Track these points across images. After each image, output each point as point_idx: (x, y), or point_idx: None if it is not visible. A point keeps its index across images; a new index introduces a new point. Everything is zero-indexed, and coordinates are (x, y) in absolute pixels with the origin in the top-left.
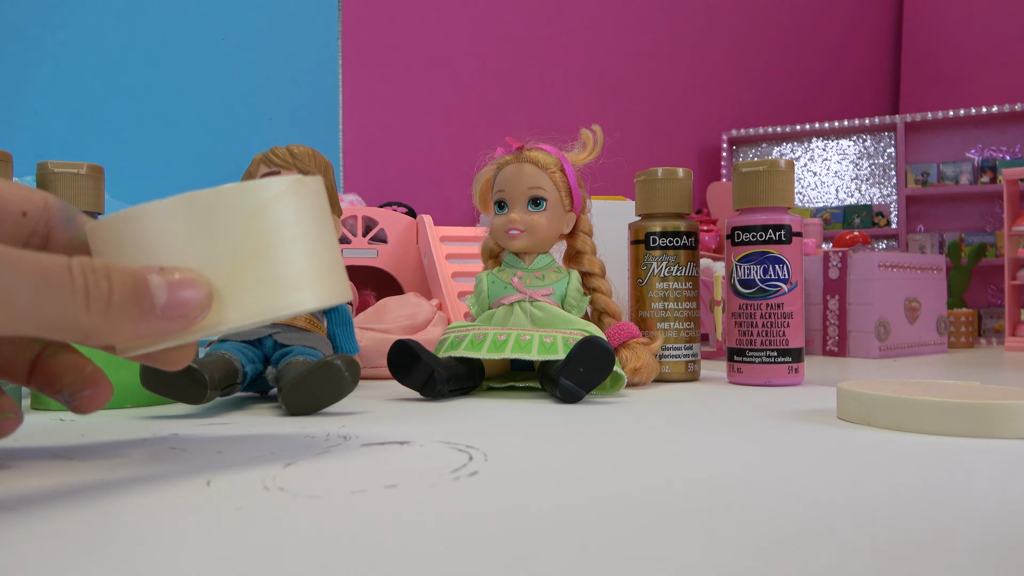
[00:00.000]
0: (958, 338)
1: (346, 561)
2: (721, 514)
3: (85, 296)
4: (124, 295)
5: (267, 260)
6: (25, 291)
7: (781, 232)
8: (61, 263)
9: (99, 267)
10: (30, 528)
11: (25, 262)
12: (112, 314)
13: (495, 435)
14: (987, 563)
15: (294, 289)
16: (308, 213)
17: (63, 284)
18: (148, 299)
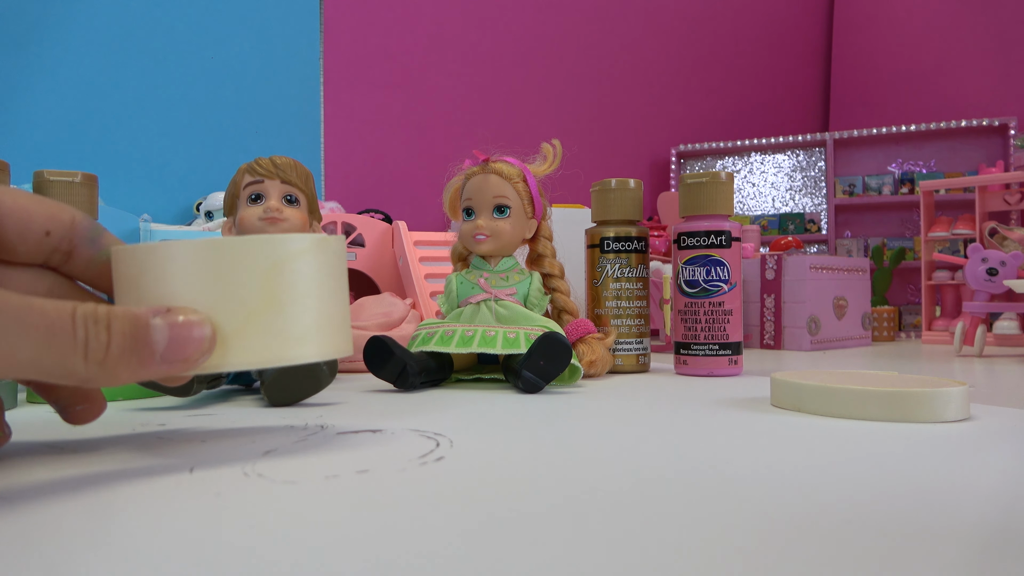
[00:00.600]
0: (881, 332)
1: (320, 541)
2: (668, 489)
3: (84, 348)
4: (122, 346)
5: (278, 313)
6: (29, 346)
7: (722, 237)
8: (66, 316)
9: (101, 317)
10: (25, 516)
11: (32, 315)
12: (109, 364)
13: (462, 423)
14: (897, 530)
15: (299, 343)
16: (325, 271)
17: (66, 337)
18: (147, 347)
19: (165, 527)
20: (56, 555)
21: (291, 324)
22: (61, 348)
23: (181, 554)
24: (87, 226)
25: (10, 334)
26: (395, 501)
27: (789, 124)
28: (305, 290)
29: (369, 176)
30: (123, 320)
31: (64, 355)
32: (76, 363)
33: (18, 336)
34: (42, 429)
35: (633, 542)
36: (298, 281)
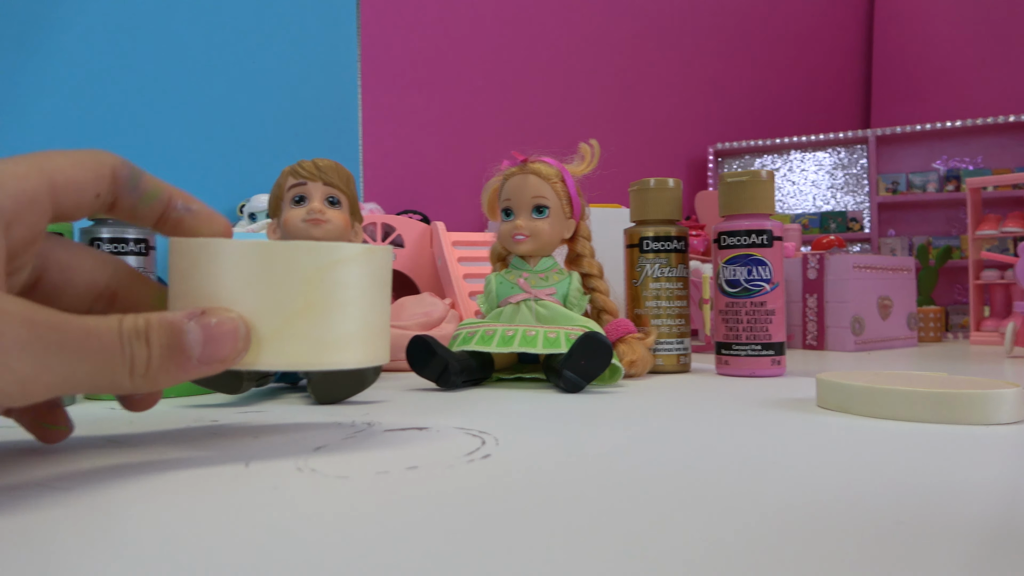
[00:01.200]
0: (927, 333)
1: (375, 533)
2: (711, 491)
3: (130, 365)
4: (161, 356)
5: (318, 318)
6: (87, 370)
7: (763, 236)
8: (114, 336)
9: (141, 331)
10: (90, 503)
11: (90, 341)
12: (151, 376)
13: (505, 422)
14: (948, 534)
15: (336, 349)
16: (369, 281)
17: (115, 356)
18: (184, 353)
19: (226, 517)
20: (123, 540)
21: (330, 330)
22: (112, 368)
23: (243, 542)
24: (126, 174)
25: (72, 361)
26: (445, 496)
27: (830, 121)
28: (347, 298)
29: (407, 177)
30: (160, 331)
31: (115, 374)
32: (123, 379)
33: (79, 362)
34: (100, 424)
35: (681, 540)
36: (340, 288)
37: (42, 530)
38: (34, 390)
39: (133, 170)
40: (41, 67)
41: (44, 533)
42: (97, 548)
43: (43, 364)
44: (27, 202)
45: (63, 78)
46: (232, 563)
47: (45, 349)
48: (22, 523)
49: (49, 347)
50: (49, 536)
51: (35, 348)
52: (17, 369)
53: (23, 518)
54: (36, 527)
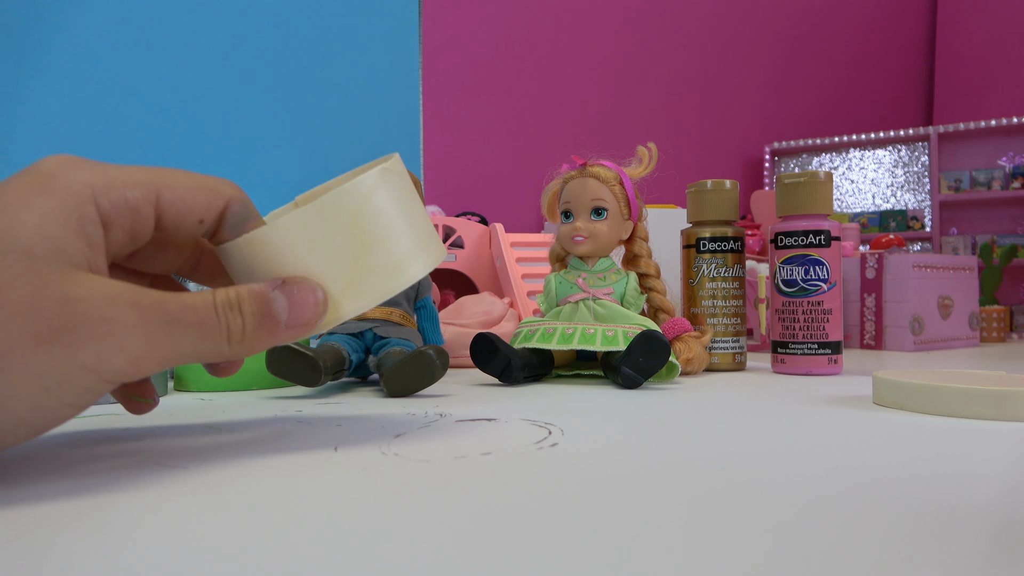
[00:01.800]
0: (990, 333)
1: (459, 511)
2: (771, 484)
3: (227, 333)
4: (255, 324)
5: (376, 251)
6: (190, 342)
7: (821, 237)
8: (211, 308)
9: (234, 302)
10: (203, 481)
11: (189, 315)
12: (247, 342)
13: (568, 414)
14: (1000, 532)
15: (403, 268)
16: (399, 195)
17: (214, 328)
18: (274, 320)
19: (322, 495)
20: (234, 512)
21: (390, 256)
22: (212, 338)
23: (340, 517)
24: (237, 211)
25: (176, 335)
26: (519, 479)
27: (890, 118)
28: (389, 221)
29: (466, 180)
30: (251, 300)
31: (214, 343)
32: (223, 347)
33: (182, 336)
34: (195, 413)
35: (738, 527)
36: (381, 215)
37: (166, 502)
38: (146, 366)
39: (246, 211)
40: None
41: (168, 504)
42: (211, 518)
43: (152, 341)
44: (128, 210)
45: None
46: (333, 536)
47: (152, 328)
48: (147, 495)
49: (155, 326)
50: (174, 506)
51: (143, 328)
52: (129, 349)
53: (147, 491)
54: (160, 499)
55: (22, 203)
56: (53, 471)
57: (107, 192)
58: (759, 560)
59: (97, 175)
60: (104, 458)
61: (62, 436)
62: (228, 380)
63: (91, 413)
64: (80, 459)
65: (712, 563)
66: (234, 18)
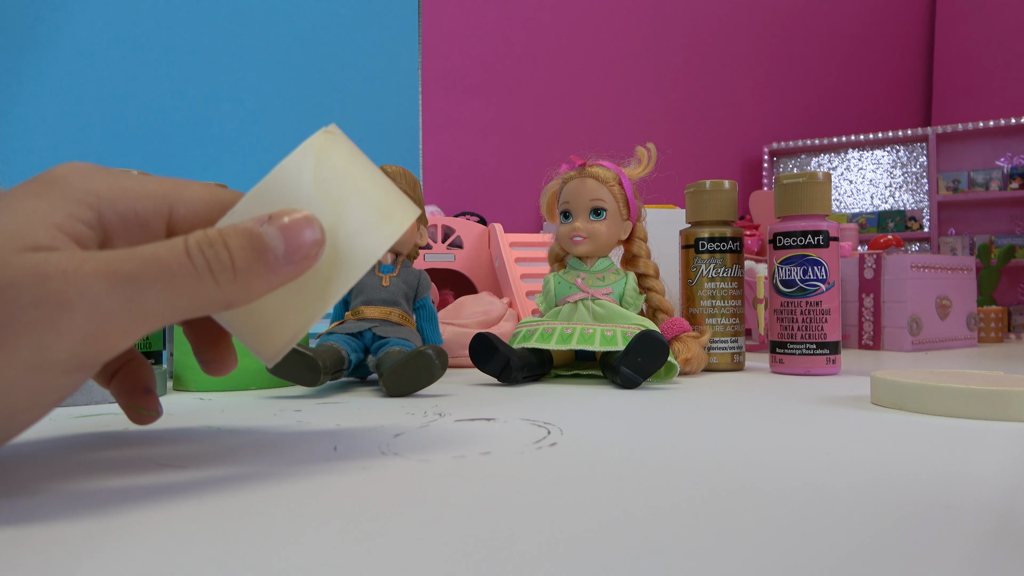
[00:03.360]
0: (988, 333)
1: (456, 510)
2: (769, 484)
3: (210, 274)
4: (246, 258)
5: (355, 209)
6: (157, 297)
7: (819, 237)
8: (179, 252)
9: (215, 238)
10: (203, 479)
11: (146, 269)
12: (240, 279)
13: (567, 414)
14: (998, 532)
15: (388, 220)
16: (350, 153)
17: (187, 273)
18: (269, 252)
19: (322, 495)
20: (233, 510)
21: (370, 212)
22: (188, 284)
23: (340, 518)
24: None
25: (134, 296)
26: (519, 479)
27: (888, 119)
28: (354, 176)
29: (464, 180)
30: (237, 236)
31: (194, 289)
32: (210, 291)
33: (142, 295)
34: (195, 413)
35: (736, 524)
36: (343, 173)
37: (165, 502)
38: (109, 342)
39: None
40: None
41: (168, 504)
42: (211, 518)
43: (104, 312)
44: (136, 222)
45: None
46: (333, 535)
47: (101, 296)
48: (146, 495)
49: (104, 292)
50: (174, 506)
51: (89, 299)
52: (74, 329)
53: (146, 491)
54: (159, 499)
55: (11, 207)
56: (52, 471)
57: (115, 203)
58: (758, 560)
59: (107, 185)
60: (103, 458)
61: (61, 436)
62: (227, 380)
63: (91, 413)
64: (79, 459)
65: (711, 563)
66: (233, 18)
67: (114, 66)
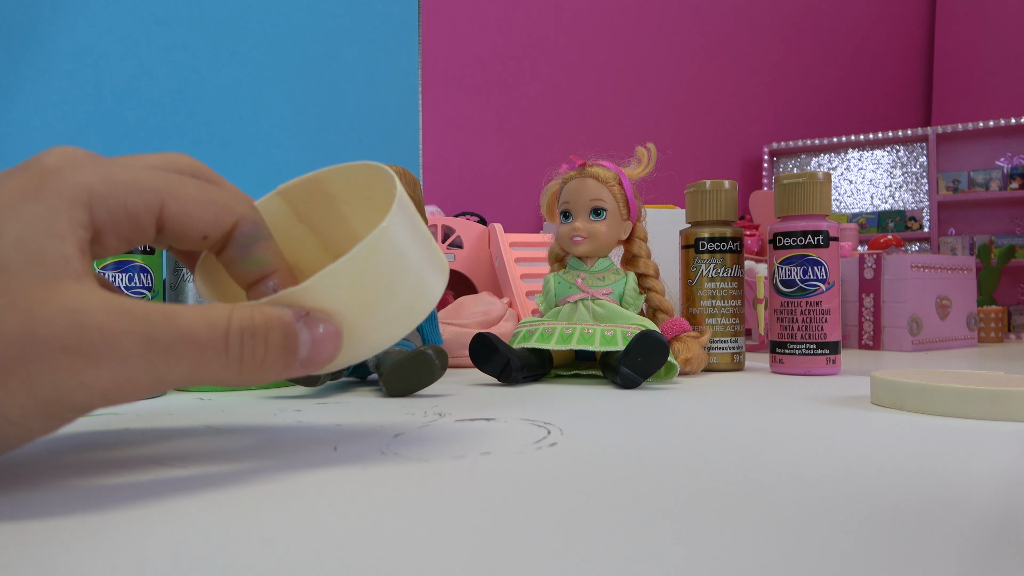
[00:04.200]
0: (988, 333)
1: (456, 511)
2: (769, 484)
3: (239, 363)
4: (275, 356)
5: (401, 287)
6: (180, 372)
7: (819, 237)
8: (218, 337)
9: (259, 329)
10: (204, 479)
11: (181, 345)
12: (260, 373)
13: (567, 414)
14: (998, 532)
15: (426, 293)
16: (411, 222)
17: (218, 357)
18: (294, 355)
19: (322, 495)
20: (233, 509)
21: (413, 289)
22: (215, 366)
23: (340, 518)
24: (246, 231)
25: (161, 367)
26: (519, 479)
27: (888, 119)
28: (409, 255)
29: (464, 180)
30: (278, 331)
31: (218, 371)
32: (230, 376)
33: (170, 368)
34: (195, 413)
35: (740, 528)
36: (402, 254)
37: (165, 502)
38: (118, 397)
39: (257, 231)
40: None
41: (168, 504)
42: (211, 518)
43: (156, 368)
44: (125, 218)
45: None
46: (333, 535)
47: (155, 356)
48: (147, 495)
49: (158, 353)
50: (174, 506)
51: (146, 359)
52: (100, 380)
53: (147, 491)
54: (159, 499)
55: (10, 209)
56: (52, 471)
57: (106, 199)
58: (758, 560)
59: (100, 178)
60: (104, 458)
61: (61, 435)
62: None
63: (91, 413)
64: (80, 459)
65: (711, 562)
66: (233, 18)
67: (114, 66)
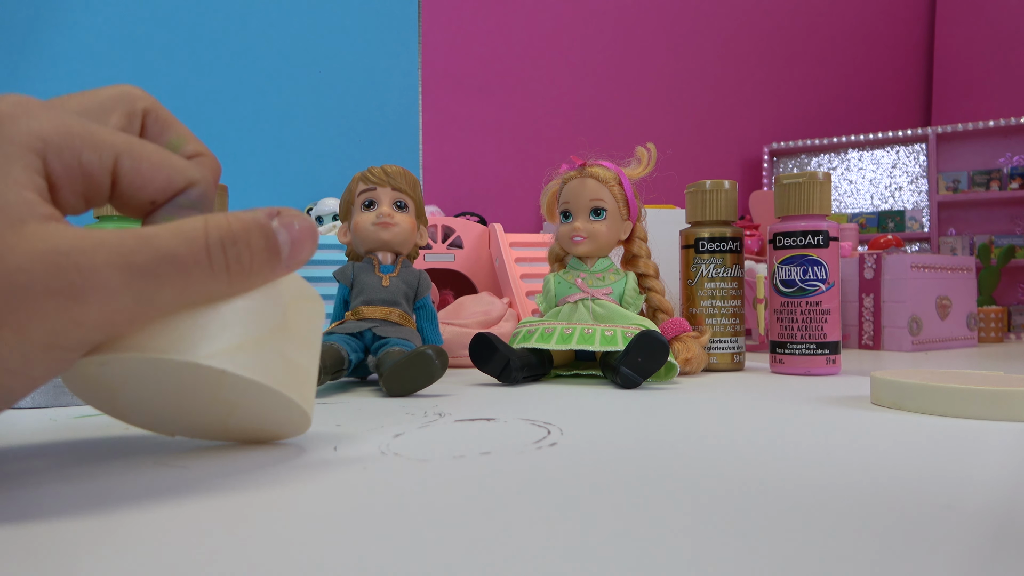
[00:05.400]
0: (988, 333)
1: (456, 510)
2: (770, 484)
3: (227, 274)
4: (262, 261)
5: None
6: (168, 294)
7: (819, 237)
8: (198, 247)
9: (239, 236)
10: (202, 480)
11: (162, 264)
12: (250, 279)
13: (567, 414)
14: (998, 532)
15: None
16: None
17: (203, 271)
18: (278, 256)
19: (322, 495)
20: (234, 511)
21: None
22: (202, 281)
23: (340, 518)
24: (191, 196)
25: (148, 292)
26: (519, 479)
27: (888, 119)
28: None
29: (464, 180)
30: (258, 234)
31: (207, 285)
32: (220, 287)
33: (156, 292)
34: None
35: (740, 528)
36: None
37: (165, 502)
38: (144, 317)
39: (201, 201)
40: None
41: (168, 504)
42: (211, 518)
43: (143, 295)
44: (80, 175)
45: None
46: (333, 535)
47: (140, 282)
48: (147, 494)
49: (141, 279)
50: (174, 506)
51: (132, 288)
52: (122, 308)
53: (147, 491)
54: (159, 499)
55: None
56: (52, 471)
57: (60, 151)
58: (757, 559)
59: (54, 128)
60: (104, 458)
61: (61, 436)
62: None
63: (91, 413)
64: (80, 459)
65: (711, 562)
66: (233, 18)
67: (114, 66)
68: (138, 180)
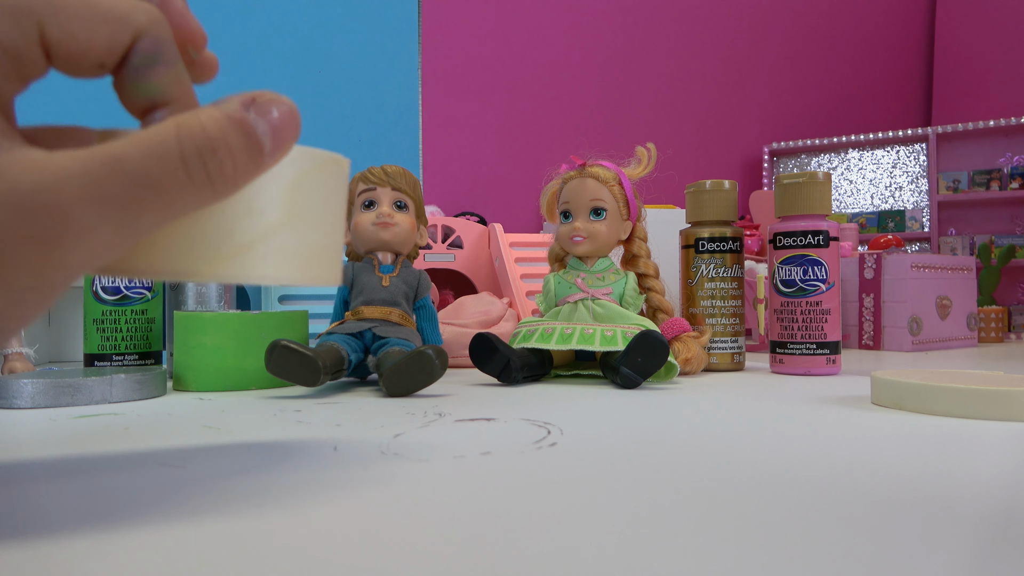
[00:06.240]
0: (988, 333)
1: (456, 510)
2: (770, 483)
3: (210, 185)
4: (245, 163)
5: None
6: (149, 219)
7: (819, 237)
8: (173, 163)
9: (217, 141)
10: (201, 480)
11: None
12: (234, 185)
13: (567, 414)
14: (998, 531)
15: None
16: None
17: (182, 188)
18: (262, 152)
19: (322, 494)
20: (233, 510)
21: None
22: (184, 199)
23: (340, 518)
24: (144, 49)
25: (128, 223)
26: (519, 478)
27: (888, 119)
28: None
29: (464, 180)
30: (237, 134)
31: (189, 202)
32: (204, 199)
33: (136, 220)
34: (194, 413)
35: (740, 527)
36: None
37: (165, 501)
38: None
39: (158, 52)
40: None
41: (168, 504)
42: (211, 518)
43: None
44: (3, 55)
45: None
46: (333, 535)
47: (117, 215)
48: (147, 494)
49: (119, 211)
50: (174, 505)
51: (110, 223)
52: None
53: (147, 491)
54: (159, 499)
55: None
56: (53, 470)
57: None
58: (758, 559)
59: None
60: (104, 458)
61: (62, 435)
62: (227, 380)
63: (91, 413)
64: (80, 458)
65: (711, 562)
66: (233, 18)
67: None
68: (74, 45)
